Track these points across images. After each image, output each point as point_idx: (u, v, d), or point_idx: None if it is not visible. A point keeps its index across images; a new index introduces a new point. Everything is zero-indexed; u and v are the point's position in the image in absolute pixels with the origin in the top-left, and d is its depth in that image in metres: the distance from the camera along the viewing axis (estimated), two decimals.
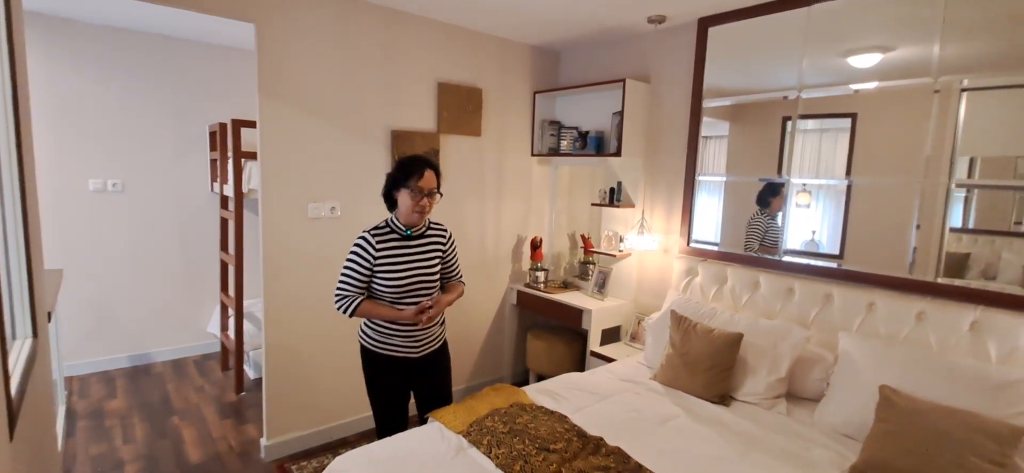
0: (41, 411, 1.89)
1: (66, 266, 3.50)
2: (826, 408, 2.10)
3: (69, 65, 3.48)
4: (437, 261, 2.07)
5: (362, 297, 1.97)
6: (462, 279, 2.21)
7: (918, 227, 2.18)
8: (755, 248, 2.73)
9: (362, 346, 2.10)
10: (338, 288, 1.98)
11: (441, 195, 2.04)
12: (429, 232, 2.07)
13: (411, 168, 1.95)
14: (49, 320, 2.15)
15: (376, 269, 1.96)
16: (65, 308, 3.57)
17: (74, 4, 3.17)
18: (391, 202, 2.03)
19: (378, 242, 1.95)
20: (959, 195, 2.09)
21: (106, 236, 3.74)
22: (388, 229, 2.00)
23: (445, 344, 2.22)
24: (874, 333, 2.22)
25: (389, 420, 2.12)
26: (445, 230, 2.14)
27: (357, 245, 1.97)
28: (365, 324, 2.09)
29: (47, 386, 2.12)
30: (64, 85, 3.48)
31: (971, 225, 2.10)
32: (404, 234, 2.00)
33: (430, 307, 1.97)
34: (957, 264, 2.09)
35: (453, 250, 2.15)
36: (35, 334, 1.71)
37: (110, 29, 3.58)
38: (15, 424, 1.25)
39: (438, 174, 2.01)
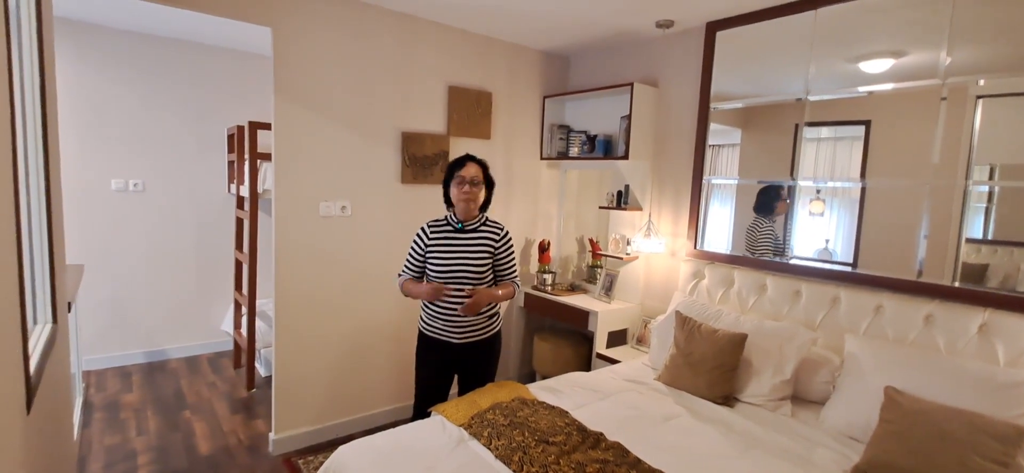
0: (58, 396, 1.96)
1: (87, 262, 3.61)
2: (831, 410, 2.08)
3: (95, 68, 3.61)
4: (487, 256, 2.19)
5: (410, 276, 2.26)
6: (516, 281, 2.28)
7: (926, 237, 2.15)
8: (769, 257, 2.71)
9: (418, 329, 2.34)
10: (401, 271, 2.31)
11: (487, 184, 2.23)
12: (482, 228, 2.21)
13: (457, 163, 2.20)
14: (69, 311, 2.23)
15: (428, 255, 2.19)
16: (85, 303, 3.67)
17: (101, 10, 3.30)
18: (449, 201, 2.25)
19: (432, 231, 2.21)
20: (979, 206, 2.06)
21: (126, 235, 3.84)
22: (444, 221, 2.24)
23: (495, 337, 2.31)
24: (881, 336, 2.20)
25: (423, 394, 2.30)
26: (500, 229, 2.25)
27: (416, 233, 2.26)
28: (421, 308, 2.30)
29: (65, 373, 2.19)
30: (90, 88, 3.61)
31: (991, 236, 2.07)
32: (456, 227, 2.20)
33: (469, 296, 2.10)
34: (975, 275, 2.06)
35: (506, 249, 2.24)
36: (55, 320, 1.78)
37: (135, 34, 3.71)
38: (33, 399, 1.31)
39: (483, 166, 2.21)
